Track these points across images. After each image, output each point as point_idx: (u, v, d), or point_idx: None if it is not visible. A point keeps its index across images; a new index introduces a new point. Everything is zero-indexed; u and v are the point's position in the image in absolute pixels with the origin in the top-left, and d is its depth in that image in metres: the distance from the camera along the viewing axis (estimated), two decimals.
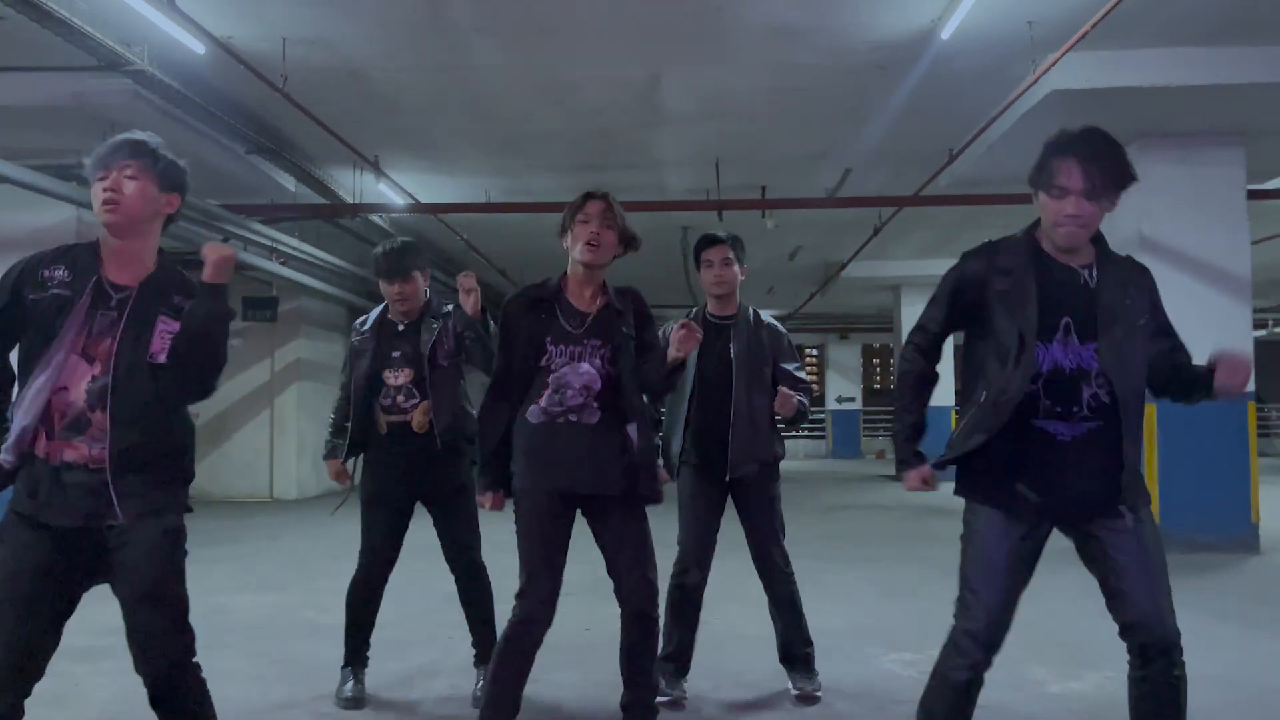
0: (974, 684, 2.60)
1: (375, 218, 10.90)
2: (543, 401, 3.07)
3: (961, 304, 2.69)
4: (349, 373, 4.02)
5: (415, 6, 5.95)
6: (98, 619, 2.79)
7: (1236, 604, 5.78)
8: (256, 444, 13.04)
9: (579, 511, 3.14)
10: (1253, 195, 8.07)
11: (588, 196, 3.16)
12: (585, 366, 3.07)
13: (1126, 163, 2.53)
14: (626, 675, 3.17)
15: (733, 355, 3.80)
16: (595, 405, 3.07)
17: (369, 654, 4.02)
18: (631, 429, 3.09)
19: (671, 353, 3.04)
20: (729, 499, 3.89)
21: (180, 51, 6.31)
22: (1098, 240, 2.62)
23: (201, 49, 6.23)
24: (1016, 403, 2.49)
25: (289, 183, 9.28)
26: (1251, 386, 7.48)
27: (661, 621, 3.28)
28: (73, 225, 7.72)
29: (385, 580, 3.96)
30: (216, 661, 4.46)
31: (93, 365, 2.40)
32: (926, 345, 2.78)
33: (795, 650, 3.93)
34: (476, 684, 3.91)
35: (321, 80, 7.01)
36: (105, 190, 2.42)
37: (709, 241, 3.93)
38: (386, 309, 3.98)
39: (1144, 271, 2.70)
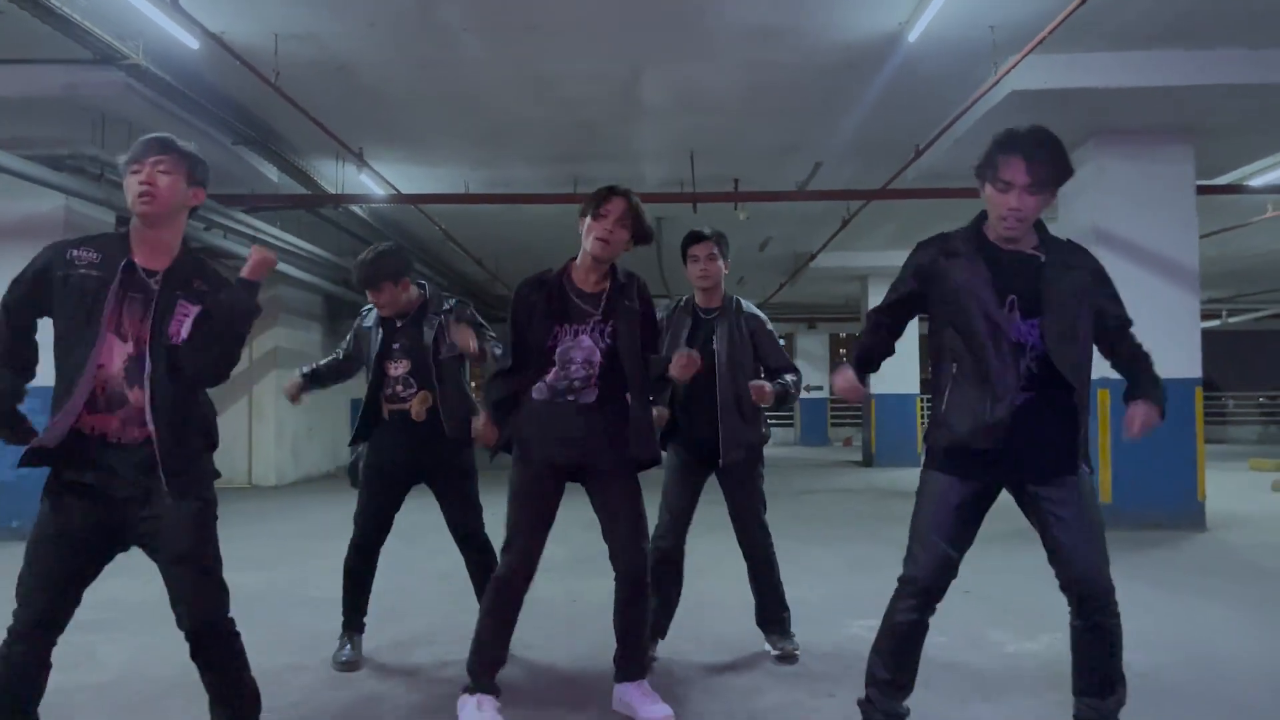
0: (918, 626, 2.91)
1: (355, 207, 11.05)
2: (549, 378, 3.36)
3: (917, 287, 2.96)
4: (348, 348, 4.34)
5: (406, 5, 6.16)
6: (101, 594, 2.98)
7: (1181, 576, 6.15)
8: (235, 431, 13.11)
9: (581, 483, 3.43)
10: (1202, 190, 8.44)
11: (611, 192, 3.37)
12: (586, 340, 3.36)
13: (1066, 160, 2.76)
14: (620, 633, 3.45)
15: (715, 348, 4.06)
16: (595, 383, 3.36)
17: (365, 620, 4.26)
18: (630, 399, 3.39)
19: (673, 371, 3.36)
20: (710, 479, 4.18)
21: (174, 45, 6.47)
22: (1038, 227, 2.87)
23: (195, 44, 6.40)
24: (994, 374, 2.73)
25: (272, 173, 9.43)
26: (1198, 373, 7.93)
27: None
28: (61, 215, 7.83)
29: (380, 546, 4.22)
30: None
31: (126, 344, 2.62)
32: (883, 311, 3.10)
33: (773, 614, 4.23)
34: None
35: (310, 74, 7.20)
36: (141, 183, 2.64)
37: (695, 238, 4.17)
38: None
39: (1084, 252, 2.93)
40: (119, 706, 3.71)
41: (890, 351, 3.15)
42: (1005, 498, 2.99)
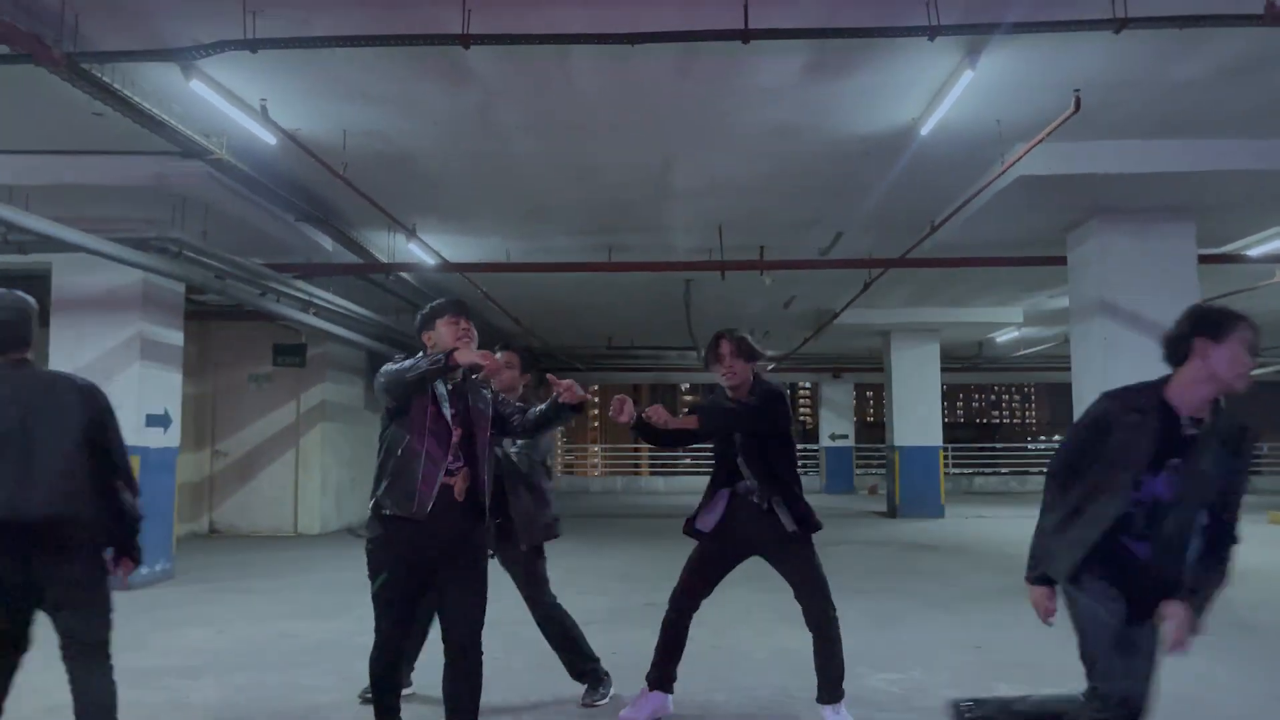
0: None
1: (404, 274, 11.73)
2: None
3: (1094, 436, 3.06)
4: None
5: (467, 108, 6.83)
6: (188, 642, 3.44)
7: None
8: (282, 481, 13.75)
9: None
10: (1204, 260, 8.90)
11: (716, 340, 4.40)
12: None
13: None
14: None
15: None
16: None
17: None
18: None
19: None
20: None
21: (254, 141, 7.16)
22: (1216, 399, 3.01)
23: (273, 140, 7.08)
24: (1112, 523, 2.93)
25: (326, 243, 10.11)
26: None
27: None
28: (139, 288, 8.56)
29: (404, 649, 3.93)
30: (303, 678, 5.28)
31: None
32: (1063, 472, 3.15)
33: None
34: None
35: (374, 164, 7.88)
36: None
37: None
38: None
39: (1245, 432, 2.99)
40: None
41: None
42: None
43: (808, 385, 25.13)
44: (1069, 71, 6.14)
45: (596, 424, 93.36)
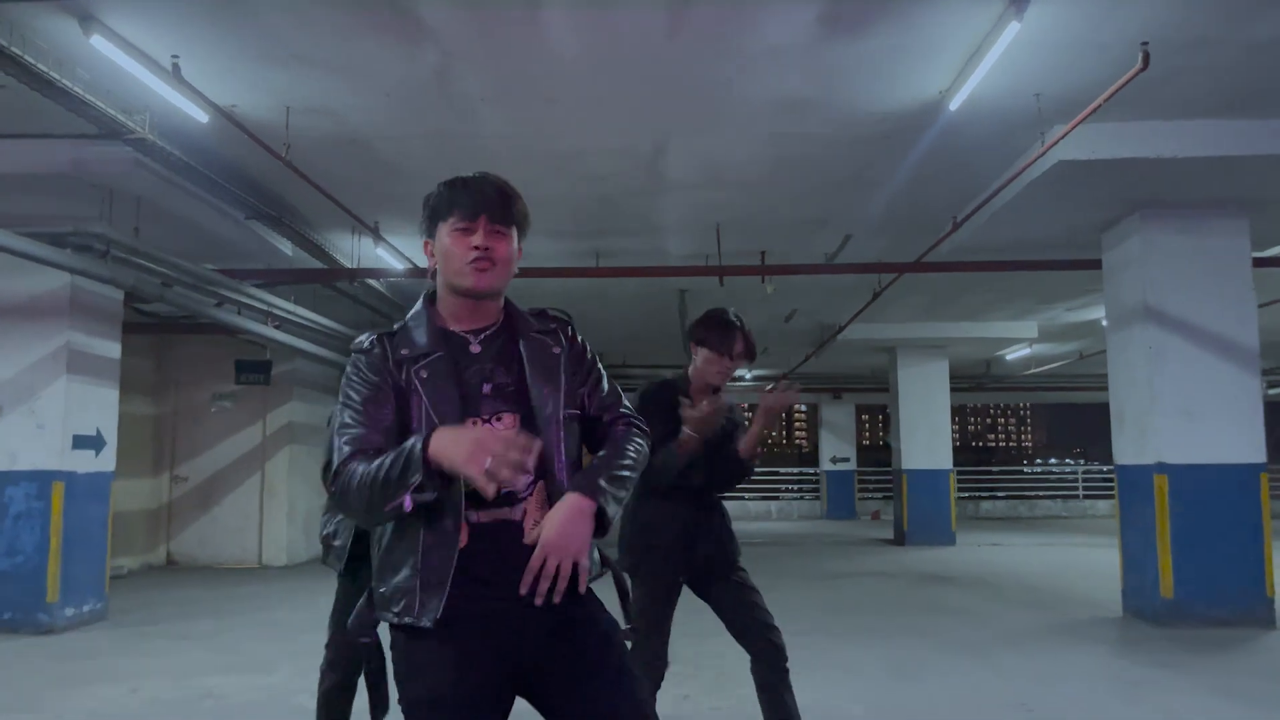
0: None
1: (372, 281, 10.80)
2: None
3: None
4: None
5: (423, 77, 5.91)
6: (89, 702, 2.60)
7: (1249, 681, 5.60)
8: (246, 508, 12.79)
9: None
10: (1259, 263, 8.04)
11: (737, 330, 3.51)
12: None
13: None
14: None
15: None
16: None
17: None
18: None
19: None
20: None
21: (183, 119, 6.25)
22: None
23: (205, 117, 6.17)
24: None
25: (286, 247, 9.19)
26: (1262, 457, 7.45)
27: None
28: (66, 293, 7.61)
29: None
30: None
31: None
32: None
33: None
34: None
35: (324, 148, 6.96)
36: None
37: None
38: None
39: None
40: None
41: None
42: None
43: (804, 408, 24.05)
44: (1128, 25, 5.22)
45: None
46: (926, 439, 15.75)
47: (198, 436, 12.87)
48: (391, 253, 9.36)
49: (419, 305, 2.15)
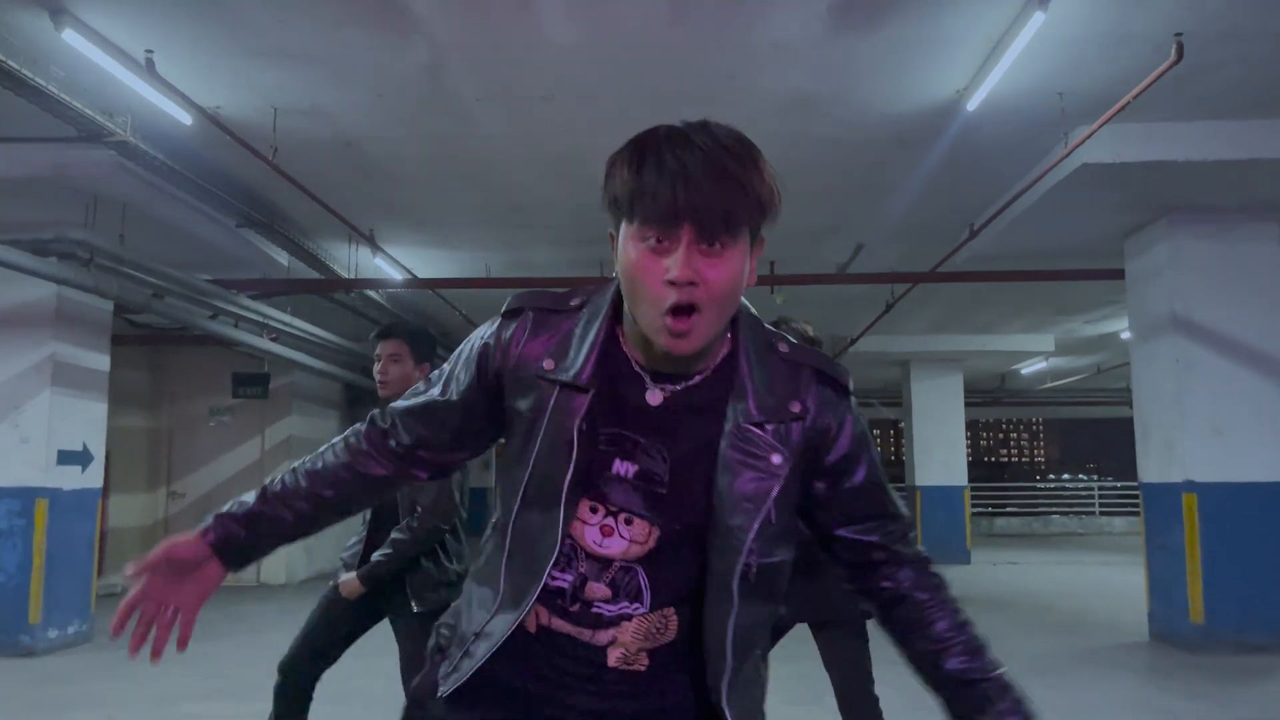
0: None
1: (371, 292, 10.54)
2: None
3: None
4: None
5: (413, 74, 5.64)
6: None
7: None
8: None
9: None
10: None
11: None
12: None
13: None
14: None
15: None
16: None
17: None
18: None
19: None
20: None
21: (166, 121, 6.00)
22: None
23: (188, 119, 5.92)
24: None
25: (282, 257, 8.94)
26: None
27: None
28: (52, 303, 7.35)
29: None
30: None
31: None
32: None
33: None
34: None
35: (314, 151, 6.70)
36: None
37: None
38: None
39: None
40: None
41: None
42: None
43: None
44: (1159, 16, 4.91)
45: None
46: (941, 455, 15.39)
47: (195, 451, 12.59)
48: (389, 262, 9.10)
49: (608, 296, 1.40)
